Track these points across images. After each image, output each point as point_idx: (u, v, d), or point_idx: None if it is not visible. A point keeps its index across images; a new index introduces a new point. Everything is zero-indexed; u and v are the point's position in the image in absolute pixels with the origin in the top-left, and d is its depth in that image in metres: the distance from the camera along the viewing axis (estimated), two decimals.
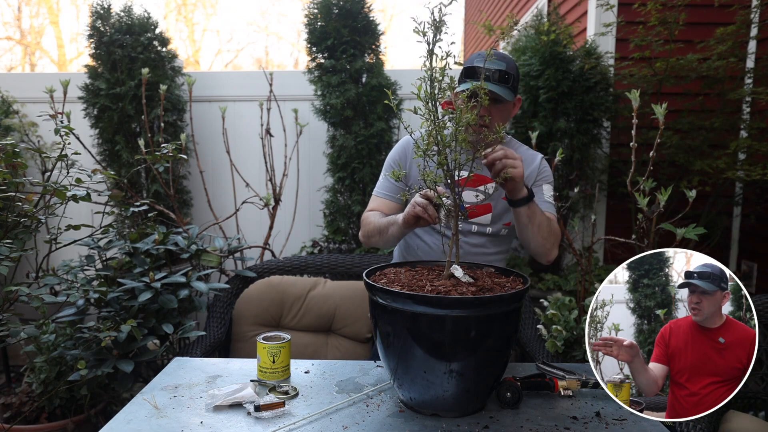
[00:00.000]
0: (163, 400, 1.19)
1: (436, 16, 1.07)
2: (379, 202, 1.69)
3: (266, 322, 2.19)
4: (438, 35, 1.08)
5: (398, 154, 1.70)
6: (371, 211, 1.67)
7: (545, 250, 1.56)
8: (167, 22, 14.96)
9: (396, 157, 1.69)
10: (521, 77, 2.96)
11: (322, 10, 2.98)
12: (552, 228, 1.55)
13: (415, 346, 1.07)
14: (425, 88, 1.11)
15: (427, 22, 1.07)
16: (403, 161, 1.68)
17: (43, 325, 2.09)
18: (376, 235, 1.59)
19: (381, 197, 1.70)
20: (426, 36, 1.08)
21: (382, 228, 1.55)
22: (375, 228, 1.58)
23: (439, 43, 1.09)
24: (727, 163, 2.58)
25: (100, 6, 3.08)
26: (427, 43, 1.09)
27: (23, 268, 2.79)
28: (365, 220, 1.65)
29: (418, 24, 1.07)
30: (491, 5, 6.71)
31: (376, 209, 1.67)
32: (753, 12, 2.71)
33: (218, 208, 3.20)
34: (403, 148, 1.70)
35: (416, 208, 1.34)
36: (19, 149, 2.15)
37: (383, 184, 1.71)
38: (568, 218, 2.90)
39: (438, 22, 1.07)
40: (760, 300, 1.82)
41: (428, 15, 1.07)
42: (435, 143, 1.15)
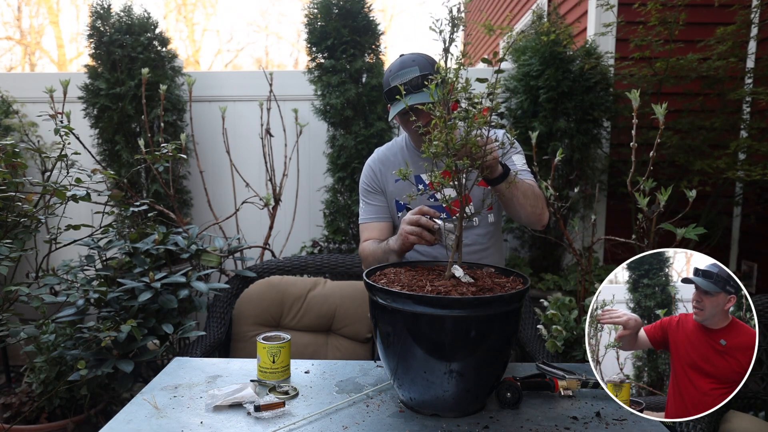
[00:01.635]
0: (163, 400, 1.19)
1: (454, 13, 1.06)
2: (370, 228, 1.68)
3: (266, 322, 2.19)
4: (454, 34, 1.08)
5: (368, 178, 1.69)
6: (366, 242, 1.65)
7: (537, 216, 1.56)
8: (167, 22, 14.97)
9: (368, 181, 1.69)
10: (521, 77, 2.96)
11: (322, 10, 2.98)
12: (536, 192, 1.56)
13: (415, 346, 1.07)
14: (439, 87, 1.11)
15: (445, 19, 1.07)
16: (374, 182, 1.68)
17: (43, 325, 2.09)
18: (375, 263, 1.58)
19: (370, 221, 1.69)
20: (442, 33, 1.08)
21: (380, 258, 1.55)
22: (375, 260, 1.57)
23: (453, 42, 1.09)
24: (727, 163, 2.58)
25: (100, 6, 3.08)
26: (443, 41, 1.09)
27: (23, 268, 2.79)
28: (363, 253, 1.64)
29: (435, 22, 1.07)
30: (491, 5, 6.71)
31: (370, 237, 1.66)
32: (753, 12, 2.71)
33: (218, 208, 3.20)
34: (370, 169, 1.69)
35: (410, 237, 1.36)
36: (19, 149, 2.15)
37: (367, 209, 1.70)
38: (568, 218, 2.90)
39: (456, 19, 1.07)
40: (760, 300, 1.82)
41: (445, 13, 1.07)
42: (445, 144, 1.15)
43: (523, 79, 2.95)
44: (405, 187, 1.62)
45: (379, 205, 1.68)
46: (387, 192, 1.66)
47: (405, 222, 1.38)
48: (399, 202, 1.65)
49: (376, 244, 1.58)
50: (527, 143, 2.75)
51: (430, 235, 1.34)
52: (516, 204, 1.50)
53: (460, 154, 1.16)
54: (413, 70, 1.47)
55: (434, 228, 1.34)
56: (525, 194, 1.50)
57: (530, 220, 1.57)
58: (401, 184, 1.63)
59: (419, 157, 1.62)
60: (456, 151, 1.15)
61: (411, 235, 1.36)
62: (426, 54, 1.54)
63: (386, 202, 1.67)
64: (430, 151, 1.17)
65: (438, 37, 1.08)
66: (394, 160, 1.66)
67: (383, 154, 1.70)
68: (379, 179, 1.67)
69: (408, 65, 1.49)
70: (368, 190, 1.69)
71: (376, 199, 1.68)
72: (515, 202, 1.49)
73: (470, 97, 1.13)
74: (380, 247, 1.55)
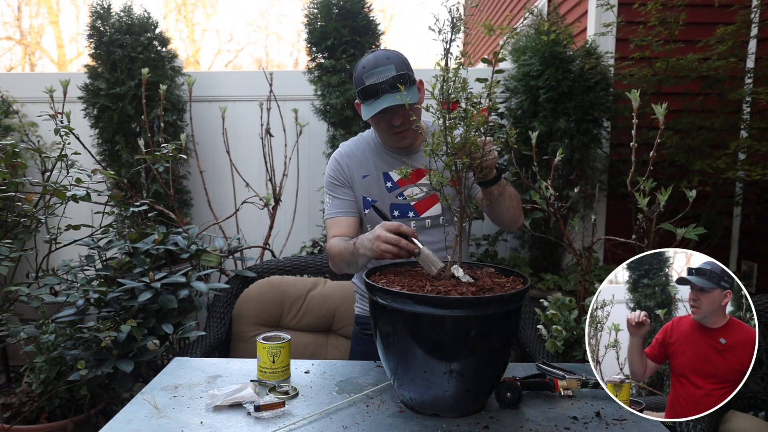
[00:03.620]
0: (163, 400, 1.19)
1: (454, 14, 1.06)
2: (338, 223, 1.61)
3: (266, 322, 2.19)
4: (454, 34, 1.08)
5: (335, 172, 1.62)
6: (334, 239, 1.58)
7: (516, 218, 1.56)
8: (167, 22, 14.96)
9: (335, 175, 1.62)
10: (521, 77, 2.96)
11: (322, 10, 2.98)
12: (517, 195, 1.56)
13: (415, 346, 1.07)
14: (439, 87, 1.11)
15: (446, 19, 1.07)
16: (342, 176, 1.62)
17: (43, 325, 2.09)
18: (345, 266, 1.54)
19: (337, 216, 1.61)
20: (442, 34, 1.08)
21: (348, 260, 1.49)
22: (343, 261, 1.52)
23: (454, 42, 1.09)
24: (727, 163, 2.58)
25: (100, 6, 3.08)
26: (443, 42, 1.09)
27: (23, 268, 2.79)
28: (330, 251, 1.57)
29: (436, 22, 1.07)
30: (491, 5, 6.71)
31: (338, 234, 1.58)
32: (753, 12, 2.71)
33: (218, 208, 3.20)
34: (337, 162, 1.63)
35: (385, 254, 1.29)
36: (19, 149, 2.15)
37: (334, 204, 1.63)
38: (568, 218, 2.90)
39: (456, 20, 1.07)
40: (760, 300, 1.82)
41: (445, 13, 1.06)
42: (444, 144, 1.15)
43: (523, 79, 2.95)
44: (372, 183, 1.59)
45: (347, 199, 1.61)
46: (354, 187, 1.61)
47: (381, 239, 1.30)
48: (366, 199, 1.60)
49: (344, 243, 1.51)
50: (527, 143, 2.76)
51: (407, 244, 1.28)
52: (502, 206, 1.50)
53: (460, 154, 1.16)
54: (389, 68, 1.44)
55: (415, 252, 1.27)
56: (510, 197, 1.50)
57: (510, 221, 1.57)
58: (369, 180, 1.59)
59: (387, 154, 1.60)
60: (456, 151, 1.15)
61: (386, 252, 1.30)
62: (398, 51, 1.51)
63: (354, 196, 1.61)
64: (428, 151, 1.17)
65: (438, 38, 1.08)
66: (362, 156, 1.61)
67: (349, 148, 1.64)
68: (347, 173, 1.61)
69: (383, 63, 1.45)
70: (335, 184, 1.62)
71: (344, 193, 1.61)
72: (502, 204, 1.49)
73: (470, 96, 1.13)
74: (348, 249, 1.47)
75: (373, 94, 1.44)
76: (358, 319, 1.76)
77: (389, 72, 1.44)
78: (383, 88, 1.42)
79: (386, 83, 1.42)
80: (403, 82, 1.42)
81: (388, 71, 1.44)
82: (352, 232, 1.59)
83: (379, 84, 1.43)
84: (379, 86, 1.43)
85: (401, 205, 1.58)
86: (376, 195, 1.59)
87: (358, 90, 1.48)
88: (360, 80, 1.48)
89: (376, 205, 1.50)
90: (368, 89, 1.45)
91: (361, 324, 1.75)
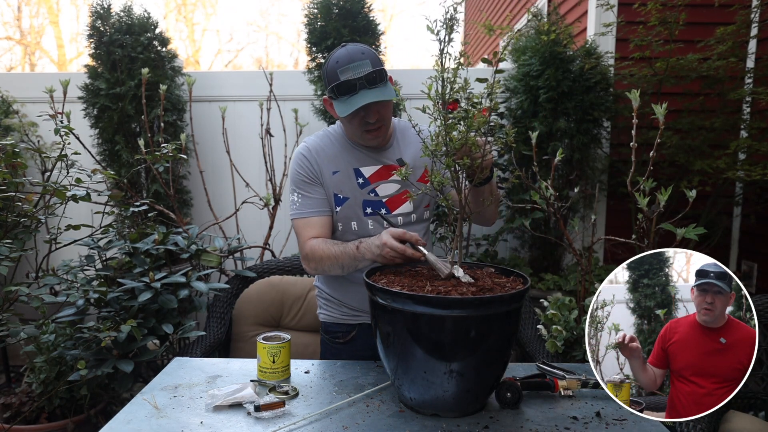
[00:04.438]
0: (163, 400, 1.19)
1: (449, 14, 1.06)
2: (313, 224, 1.51)
3: (266, 322, 2.19)
4: (450, 34, 1.08)
5: (304, 168, 1.52)
6: (314, 240, 1.49)
7: (494, 215, 1.58)
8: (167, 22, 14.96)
9: (304, 172, 1.52)
10: (521, 77, 2.96)
11: (322, 10, 2.98)
12: (498, 193, 1.57)
13: (415, 346, 1.07)
14: (436, 87, 1.11)
15: (440, 20, 1.07)
16: (311, 172, 1.52)
17: (43, 325, 2.09)
18: (336, 269, 1.47)
19: (311, 216, 1.51)
20: (439, 34, 1.08)
21: (346, 264, 1.44)
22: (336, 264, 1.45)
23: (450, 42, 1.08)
24: (727, 163, 2.58)
25: (100, 6, 3.08)
26: (439, 42, 1.09)
27: (23, 268, 2.78)
28: (315, 254, 1.47)
29: (432, 22, 1.07)
30: (491, 5, 6.71)
31: (316, 235, 1.50)
32: (753, 12, 2.71)
33: (218, 208, 3.20)
34: (304, 158, 1.53)
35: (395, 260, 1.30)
36: (19, 149, 2.15)
37: (305, 203, 1.52)
38: (568, 218, 2.90)
39: (451, 20, 1.06)
40: (760, 300, 1.82)
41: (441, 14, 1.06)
42: (444, 144, 1.15)
43: (523, 79, 2.95)
44: (343, 179, 1.52)
45: (318, 197, 1.52)
46: (324, 184, 1.52)
47: (387, 246, 1.30)
48: (338, 196, 1.52)
49: (338, 247, 1.44)
50: (527, 143, 2.76)
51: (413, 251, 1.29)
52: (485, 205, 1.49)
53: (460, 154, 1.16)
54: (365, 63, 1.38)
55: (421, 261, 1.28)
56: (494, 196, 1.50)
57: (490, 218, 1.57)
58: (339, 177, 1.52)
59: (357, 150, 1.53)
60: (456, 151, 1.15)
61: (394, 258, 1.31)
62: (367, 46, 1.47)
63: (325, 194, 1.53)
64: (428, 151, 1.17)
65: (435, 38, 1.08)
66: (330, 151, 1.53)
67: (316, 144, 1.55)
68: (316, 169, 1.52)
69: (359, 58, 1.39)
70: (305, 181, 1.52)
71: (315, 191, 1.52)
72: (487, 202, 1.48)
73: (470, 96, 1.13)
74: (346, 253, 1.42)
75: (350, 89, 1.38)
76: (327, 327, 1.65)
77: (365, 67, 1.38)
78: (360, 83, 1.37)
79: (363, 79, 1.37)
80: (379, 77, 1.38)
81: (364, 66, 1.38)
82: (328, 233, 1.53)
83: (356, 80, 1.36)
84: (356, 82, 1.36)
85: (373, 202, 1.53)
86: (348, 192, 1.52)
87: (333, 85, 1.40)
88: (334, 75, 1.39)
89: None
90: (344, 85, 1.38)
91: (331, 332, 1.64)
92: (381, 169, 1.53)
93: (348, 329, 1.60)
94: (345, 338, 1.61)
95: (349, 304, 1.59)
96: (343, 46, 1.44)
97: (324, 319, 1.66)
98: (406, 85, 3.09)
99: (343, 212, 1.53)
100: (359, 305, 1.58)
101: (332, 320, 1.63)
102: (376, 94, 1.37)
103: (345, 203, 1.52)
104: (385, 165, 1.54)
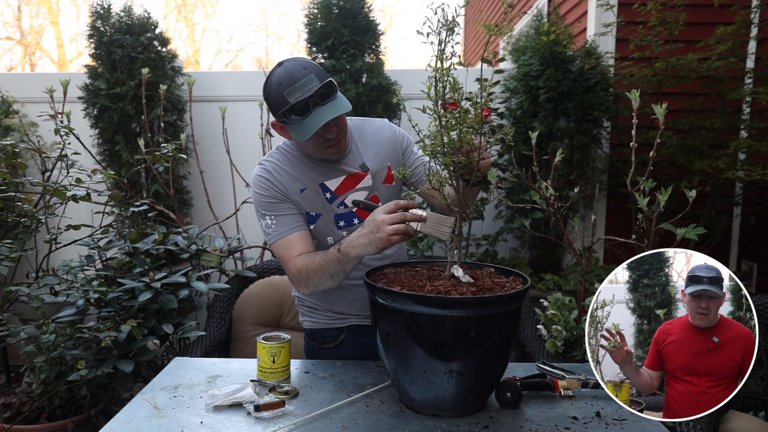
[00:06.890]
0: (163, 400, 1.19)
1: (449, 16, 1.06)
2: (294, 241, 1.42)
3: (266, 322, 2.19)
4: (450, 36, 1.07)
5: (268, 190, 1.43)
6: (297, 258, 1.40)
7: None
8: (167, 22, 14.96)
9: (269, 194, 1.43)
10: (521, 77, 2.96)
11: (322, 10, 2.98)
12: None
13: (415, 346, 1.07)
14: (434, 88, 1.11)
15: (440, 21, 1.06)
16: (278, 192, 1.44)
17: (43, 325, 2.09)
18: (327, 281, 1.38)
19: (290, 233, 1.42)
20: (439, 36, 1.07)
21: (334, 271, 1.34)
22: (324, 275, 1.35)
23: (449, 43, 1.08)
24: (727, 163, 2.58)
25: (100, 6, 3.08)
26: (439, 43, 1.08)
27: (23, 268, 2.79)
28: (302, 272, 1.37)
29: (431, 24, 1.07)
30: (491, 5, 6.71)
31: (301, 252, 1.41)
32: (753, 12, 2.71)
33: (218, 208, 3.20)
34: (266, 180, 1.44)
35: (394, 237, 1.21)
36: (19, 149, 2.15)
37: (280, 222, 1.43)
38: (568, 218, 2.90)
39: (451, 22, 1.06)
40: (760, 300, 1.82)
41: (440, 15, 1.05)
42: (441, 144, 1.15)
43: (523, 79, 2.95)
44: (311, 196, 1.45)
45: (292, 213, 1.44)
46: (293, 201, 1.45)
47: (385, 222, 1.21)
48: (310, 214, 1.46)
49: (318, 257, 1.36)
50: (527, 143, 2.76)
51: (413, 230, 1.23)
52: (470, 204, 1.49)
53: (458, 154, 1.16)
54: (311, 79, 1.29)
55: (423, 218, 1.21)
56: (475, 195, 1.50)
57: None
58: (307, 194, 1.45)
59: (317, 165, 1.46)
60: (455, 151, 1.15)
61: (395, 235, 1.21)
62: (303, 58, 1.39)
63: (297, 209, 1.45)
64: (427, 151, 1.17)
65: (434, 39, 1.07)
66: (291, 170, 1.45)
67: (274, 164, 1.46)
68: (281, 189, 1.43)
69: (302, 75, 1.29)
70: (273, 202, 1.43)
71: (286, 208, 1.44)
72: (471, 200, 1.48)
73: (470, 96, 1.13)
74: (330, 260, 1.33)
75: (302, 110, 1.29)
76: (314, 334, 1.59)
77: (312, 83, 1.29)
78: (312, 101, 1.29)
79: (315, 96, 1.29)
80: (329, 90, 1.31)
81: (311, 82, 1.29)
82: (311, 246, 1.44)
83: (307, 99, 1.28)
84: (308, 101, 1.28)
85: (345, 215, 1.47)
86: (320, 208, 1.46)
87: (283, 110, 1.30)
88: (281, 99, 1.30)
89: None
90: (295, 107, 1.29)
91: (318, 338, 1.58)
92: (346, 180, 1.47)
93: (337, 333, 1.56)
94: (335, 342, 1.56)
95: (335, 309, 1.54)
96: (280, 65, 1.34)
97: (309, 326, 1.59)
98: (406, 85, 3.09)
99: (317, 229, 1.47)
100: (345, 309, 1.53)
101: (319, 326, 1.57)
102: (331, 110, 1.30)
103: (318, 219, 1.46)
104: (350, 174, 1.47)
